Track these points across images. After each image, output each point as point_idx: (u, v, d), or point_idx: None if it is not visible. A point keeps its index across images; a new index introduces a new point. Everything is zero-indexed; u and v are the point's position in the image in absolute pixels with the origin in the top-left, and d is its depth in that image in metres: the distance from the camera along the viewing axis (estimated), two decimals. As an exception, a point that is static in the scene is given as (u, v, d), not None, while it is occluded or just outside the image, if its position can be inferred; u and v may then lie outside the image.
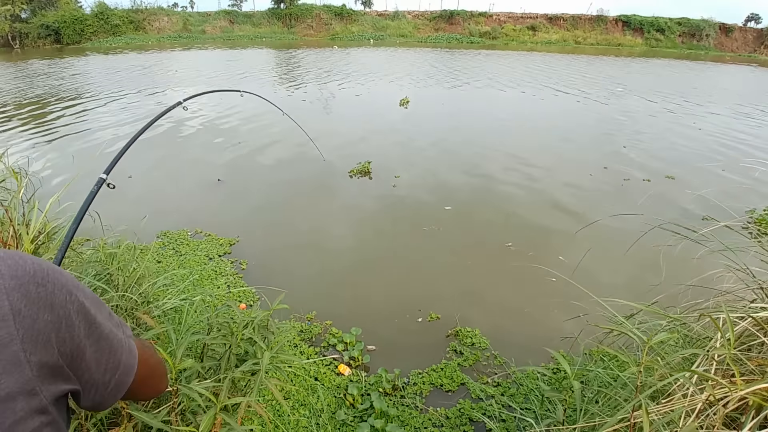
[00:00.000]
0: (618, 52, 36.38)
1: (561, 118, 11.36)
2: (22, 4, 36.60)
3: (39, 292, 0.52)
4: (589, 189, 6.51)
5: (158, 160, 7.55)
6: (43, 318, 0.52)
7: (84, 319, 0.57)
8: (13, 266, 0.52)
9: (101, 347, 0.60)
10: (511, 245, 4.80)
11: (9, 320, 0.49)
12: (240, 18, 46.73)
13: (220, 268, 4.14)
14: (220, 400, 1.44)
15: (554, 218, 5.49)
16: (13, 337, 0.49)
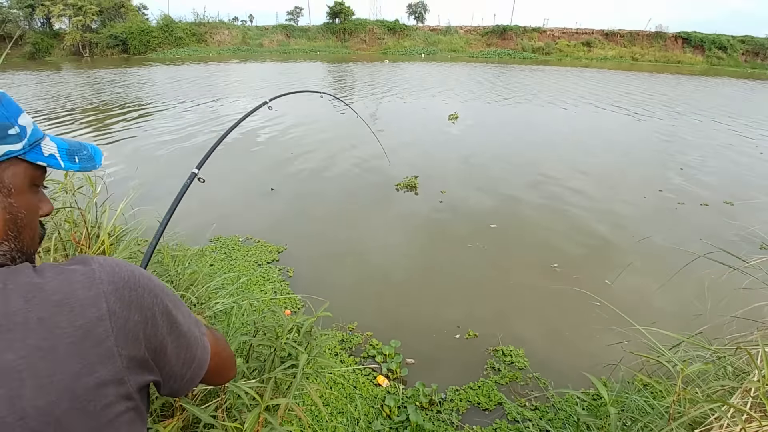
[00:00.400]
0: (678, 70, 34.99)
1: (616, 137, 11.05)
2: (92, 15, 39.23)
3: (131, 296, 0.62)
4: (642, 212, 6.30)
5: (216, 167, 7.91)
6: (133, 318, 0.61)
7: (167, 319, 0.66)
8: (110, 273, 0.61)
9: (180, 344, 0.69)
10: (557, 266, 4.73)
11: (106, 320, 0.58)
12: (296, 32, 48.25)
13: (267, 275, 4.31)
14: (264, 399, 1.53)
15: (603, 241, 5.37)
16: (108, 335, 0.58)
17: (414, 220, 5.91)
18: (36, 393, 0.52)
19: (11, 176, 0.61)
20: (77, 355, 0.55)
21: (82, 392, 0.55)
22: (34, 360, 0.52)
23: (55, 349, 0.53)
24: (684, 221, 5.92)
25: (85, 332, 0.56)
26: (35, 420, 0.52)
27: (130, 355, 0.60)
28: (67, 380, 0.54)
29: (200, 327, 0.75)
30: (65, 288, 0.57)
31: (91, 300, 0.58)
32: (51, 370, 0.53)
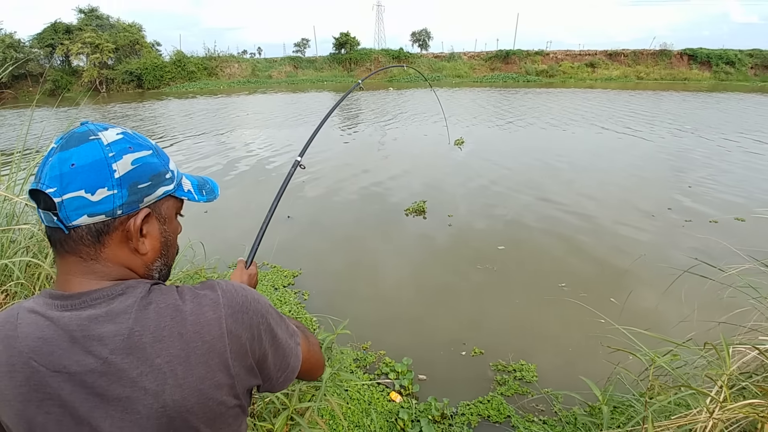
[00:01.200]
0: (684, 87, 35.18)
1: (623, 157, 11.21)
2: (109, 53, 40.62)
3: (243, 318, 0.77)
4: (650, 230, 6.41)
5: (231, 197, 8.23)
6: (244, 336, 0.76)
7: (269, 334, 0.82)
8: (230, 299, 0.77)
9: (278, 354, 0.84)
10: (565, 285, 4.88)
11: (224, 338, 0.74)
12: (303, 63, 49.47)
13: (284, 298, 4.52)
14: (292, 403, 1.73)
15: (610, 260, 5.50)
16: (225, 348, 0.74)
17: (423, 244, 6.11)
18: (174, 390, 0.69)
19: (166, 209, 0.81)
20: (204, 363, 0.71)
21: (205, 391, 0.71)
22: (174, 365, 0.69)
23: (189, 358, 0.70)
24: (691, 238, 6.05)
25: (210, 346, 0.72)
26: (172, 410, 0.69)
27: (241, 364, 0.76)
28: (196, 382, 0.70)
29: (295, 338, 0.91)
30: (197, 310, 0.73)
31: (215, 321, 0.73)
32: (185, 374, 0.70)
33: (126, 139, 0.75)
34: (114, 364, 0.67)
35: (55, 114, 22.31)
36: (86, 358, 0.67)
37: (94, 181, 0.69)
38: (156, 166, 0.78)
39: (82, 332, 0.68)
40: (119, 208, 0.72)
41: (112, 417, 0.68)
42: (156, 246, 0.80)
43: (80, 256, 0.73)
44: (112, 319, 0.69)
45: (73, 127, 0.75)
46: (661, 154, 11.58)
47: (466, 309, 4.48)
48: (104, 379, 0.67)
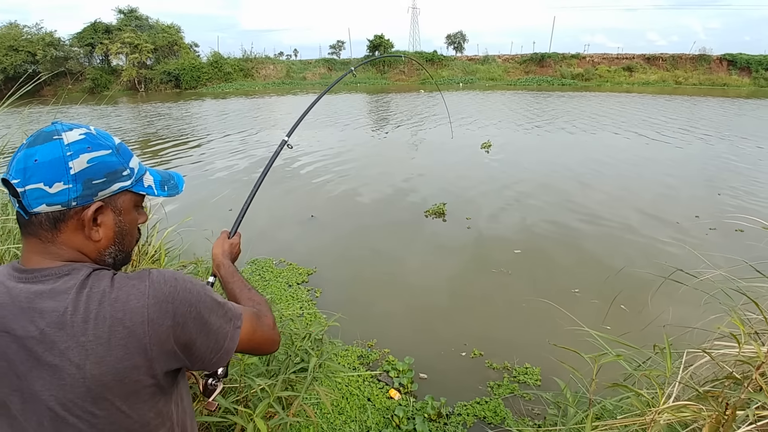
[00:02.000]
0: (723, 93, 33.90)
1: (654, 163, 10.94)
2: (148, 53, 42.14)
3: (168, 308, 0.84)
4: (672, 238, 6.25)
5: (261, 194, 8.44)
6: (166, 324, 0.83)
7: (198, 322, 0.88)
8: (156, 289, 0.84)
9: (209, 339, 0.91)
10: (578, 291, 4.83)
11: (145, 325, 0.81)
12: (337, 65, 50.01)
13: (297, 295, 4.64)
14: (274, 392, 1.81)
15: (625, 266, 5.37)
16: (145, 334, 0.81)
17: (441, 246, 6.14)
18: (93, 366, 0.78)
19: (122, 202, 0.90)
20: (123, 346, 0.80)
21: (121, 370, 0.80)
22: (96, 345, 0.78)
23: (110, 340, 0.79)
24: (713, 246, 5.87)
25: (130, 332, 0.80)
26: (91, 382, 0.78)
27: (159, 349, 0.83)
28: (114, 362, 0.79)
29: (234, 322, 0.96)
30: (123, 298, 0.81)
31: (138, 309, 0.81)
32: (105, 353, 0.78)
33: (87, 140, 0.84)
34: (48, 335, 0.77)
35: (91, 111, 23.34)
36: (29, 326, 0.78)
37: (52, 175, 0.79)
38: (112, 165, 0.87)
39: (28, 303, 0.79)
40: (74, 200, 0.82)
41: (43, 379, 0.78)
42: (109, 234, 0.89)
43: (39, 238, 0.84)
44: (53, 297, 0.79)
45: (45, 125, 0.86)
46: (693, 161, 11.25)
47: (477, 311, 4.50)
48: (40, 346, 0.77)
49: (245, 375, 1.89)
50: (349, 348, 3.75)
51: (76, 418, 0.80)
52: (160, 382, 0.87)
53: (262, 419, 1.72)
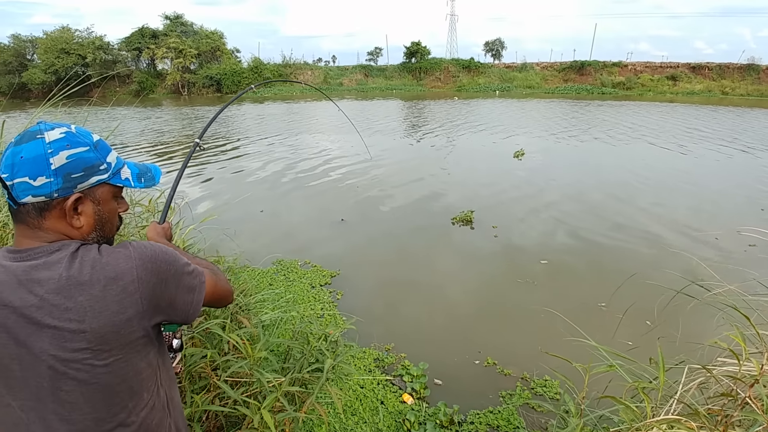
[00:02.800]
0: (773, 104, 32.37)
1: (694, 175, 10.57)
2: (191, 58, 43.60)
3: (152, 267, 0.98)
4: (707, 254, 6.01)
5: (288, 197, 8.65)
6: (152, 281, 0.97)
7: (176, 280, 1.03)
8: (140, 253, 0.98)
9: (185, 293, 1.05)
10: (604, 305, 4.73)
11: (135, 282, 0.94)
12: (374, 71, 50.39)
13: (319, 296, 4.72)
14: (282, 386, 1.87)
15: (656, 281, 5.21)
16: (136, 290, 0.94)
17: (465, 253, 6.11)
18: (92, 320, 0.90)
19: (100, 193, 1.01)
20: (117, 302, 0.92)
21: (117, 323, 0.93)
22: (93, 302, 0.90)
23: (105, 297, 0.91)
24: (751, 263, 5.63)
25: (123, 288, 0.93)
26: (90, 335, 0.90)
27: (149, 303, 0.97)
28: (110, 316, 0.91)
29: (200, 278, 1.10)
30: (113, 262, 0.94)
31: (128, 270, 0.94)
32: (102, 309, 0.91)
33: (66, 138, 0.95)
34: (48, 301, 0.88)
35: (137, 113, 24.28)
36: (27, 296, 0.88)
37: (36, 171, 0.91)
38: (90, 160, 0.98)
39: (25, 276, 0.90)
40: (55, 192, 0.93)
41: (43, 341, 0.88)
42: (90, 222, 1.01)
43: (27, 225, 0.95)
44: (48, 267, 0.91)
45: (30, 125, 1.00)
46: (737, 174, 10.79)
47: (498, 321, 4.46)
48: (40, 312, 0.88)
49: (255, 369, 1.96)
50: (367, 350, 3.79)
51: (75, 371, 0.91)
52: (150, 334, 1.01)
53: (269, 412, 1.78)
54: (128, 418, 1.00)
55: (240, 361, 1.96)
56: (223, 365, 2.03)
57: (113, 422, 0.98)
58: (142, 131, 18.19)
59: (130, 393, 0.99)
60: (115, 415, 0.98)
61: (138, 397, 1.01)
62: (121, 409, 0.98)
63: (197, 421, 1.86)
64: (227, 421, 2.10)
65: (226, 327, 2.08)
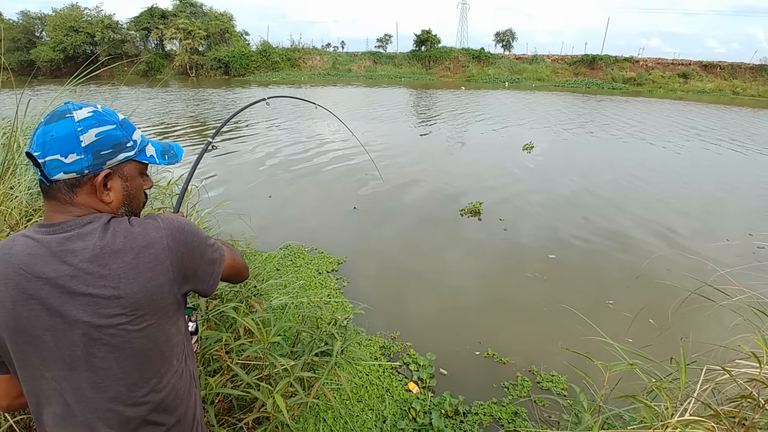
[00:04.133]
0: (784, 106, 31.95)
1: (707, 176, 10.46)
2: (200, 40, 43.46)
3: (179, 237, 1.03)
4: (717, 256, 5.96)
5: (293, 184, 8.64)
6: (180, 250, 1.03)
7: (200, 251, 1.08)
8: (168, 223, 1.03)
9: (207, 265, 1.11)
10: (612, 303, 4.71)
11: (166, 250, 1.00)
12: (383, 59, 50.07)
13: (325, 282, 4.73)
14: (294, 371, 1.88)
15: (664, 281, 5.20)
16: (166, 257, 1.00)
17: (473, 245, 6.10)
18: (126, 286, 0.94)
19: (128, 170, 1.05)
20: (150, 269, 0.97)
21: (150, 288, 0.97)
22: (127, 269, 0.94)
23: (138, 264, 0.96)
24: (759, 266, 5.61)
25: (155, 257, 0.98)
26: (126, 300, 0.94)
27: (178, 271, 1.02)
28: (144, 281, 0.96)
29: (220, 251, 1.16)
30: (144, 232, 0.99)
31: (158, 239, 1.00)
32: (136, 275, 0.95)
33: (94, 117, 0.98)
34: (83, 269, 0.92)
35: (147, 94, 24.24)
36: (62, 266, 0.92)
37: (67, 148, 0.94)
38: (117, 138, 1.01)
39: (59, 247, 0.93)
40: (86, 168, 0.96)
41: (77, 309, 0.92)
42: (119, 197, 1.04)
43: (59, 201, 0.98)
44: (82, 238, 0.94)
45: (58, 105, 1.01)
46: (750, 175, 10.70)
47: (504, 314, 4.46)
48: (74, 280, 0.91)
49: (269, 354, 1.96)
50: (372, 338, 3.80)
51: (110, 337, 0.94)
52: (179, 301, 1.06)
53: (282, 396, 1.79)
54: (159, 383, 1.03)
55: (255, 344, 1.96)
56: (236, 348, 2.04)
57: (146, 387, 1.01)
58: (150, 111, 18.15)
59: (161, 358, 1.03)
60: (148, 380, 1.01)
61: (168, 363, 1.05)
62: (153, 374, 1.01)
63: (210, 404, 1.88)
64: (237, 403, 2.11)
65: (240, 310, 2.09)
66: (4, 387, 1.03)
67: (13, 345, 0.93)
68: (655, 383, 1.35)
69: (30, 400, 0.98)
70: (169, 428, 1.06)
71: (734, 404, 1.35)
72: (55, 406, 0.96)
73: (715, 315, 2.09)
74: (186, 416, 1.11)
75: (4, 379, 1.02)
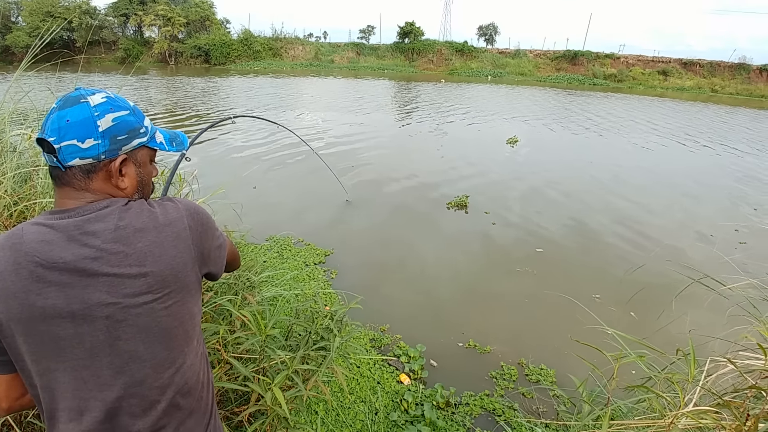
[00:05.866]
0: (761, 105, 32.69)
1: (688, 174, 10.60)
2: (180, 27, 42.55)
3: (197, 218, 1.07)
4: (701, 250, 6.10)
5: (276, 174, 8.54)
6: (199, 231, 1.06)
7: (212, 233, 1.12)
8: (186, 205, 1.07)
9: (217, 249, 1.15)
10: (599, 297, 4.77)
11: (187, 230, 1.03)
12: (366, 50, 49.76)
13: (313, 274, 4.69)
14: (293, 364, 1.85)
15: (650, 277, 5.28)
16: (188, 236, 1.03)
17: (460, 238, 6.11)
18: (152, 263, 0.95)
19: (141, 156, 1.05)
20: (173, 247, 0.99)
21: (175, 266, 0.99)
22: (152, 247, 0.95)
23: (163, 243, 0.98)
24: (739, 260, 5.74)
25: (177, 235, 1.01)
26: (151, 278, 0.94)
27: (198, 250, 1.06)
28: (169, 259, 0.98)
29: (224, 236, 1.21)
30: (164, 212, 1.01)
31: (179, 219, 1.03)
32: (161, 253, 0.97)
33: (109, 102, 0.97)
34: (106, 250, 0.91)
35: (125, 81, 23.68)
36: (81, 249, 0.90)
37: (84, 133, 0.93)
38: (132, 123, 1.01)
39: (78, 231, 0.91)
40: (102, 153, 0.96)
41: (100, 291, 0.91)
42: (133, 183, 1.04)
43: (74, 187, 0.97)
44: (101, 219, 0.94)
45: (69, 91, 0.98)
46: (730, 172, 10.95)
47: (492, 306, 4.49)
48: (97, 262, 0.90)
49: (267, 346, 1.93)
50: (362, 331, 3.79)
51: (135, 317, 0.94)
52: (199, 281, 1.08)
53: (280, 389, 1.76)
54: (185, 363, 1.04)
55: (252, 337, 1.93)
56: (232, 341, 2.01)
57: (172, 368, 1.01)
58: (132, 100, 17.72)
59: (185, 336, 1.04)
60: (174, 360, 1.01)
61: (191, 342, 1.06)
62: (179, 353, 1.02)
63: (205, 397, 1.84)
64: (233, 396, 2.08)
65: (236, 303, 2.05)
66: (5, 388, 0.98)
67: (27, 338, 0.90)
68: (666, 374, 1.36)
69: (44, 396, 0.94)
70: (190, 411, 1.06)
71: (736, 395, 1.37)
72: (71, 400, 0.94)
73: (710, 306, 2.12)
74: (203, 398, 1.11)
75: (6, 379, 0.98)
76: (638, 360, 1.42)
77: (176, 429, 1.03)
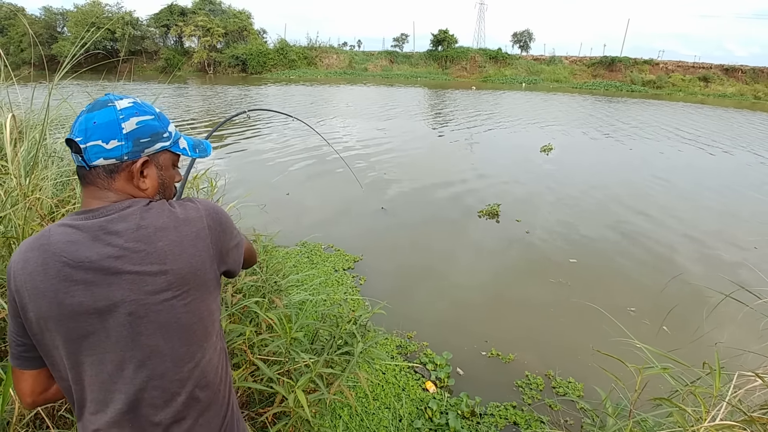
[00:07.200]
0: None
1: (730, 182, 10.22)
2: (219, 37, 43.88)
3: (216, 218, 1.10)
4: (743, 262, 5.84)
5: (306, 182, 8.67)
6: (218, 230, 1.09)
7: (230, 233, 1.15)
8: (206, 206, 1.10)
9: (233, 248, 1.17)
10: (634, 310, 4.62)
11: (206, 229, 1.06)
12: (399, 58, 50.05)
13: (342, 280, 4.73)
14: (316, 368, 1.87)
15: (687, 289, 5.09)
16: (207, 236, 1.06)
17: (490, 246, 6.05)
18: (172, 262, 0.98)
19: (163, 160, 1.09)
20: (193, 246, 1.02)
21: (195, 264, 1.02)
22: (172, 246, 0.99)
23: (182, 242, 1.01)
24: None
25: (197, 234, 1.04)
26: (171, 275, 0.98)
27: (216, 249, 1.08)
28: (188, 258, 1.01)
29: (241, 236, 1.23)
30: (184, 212, 1.05)
31: (198, 218, 1.06)
32: (180, 252, 1.00)
33: (134, 107, 1.02)
34: (128, 249, 0.95)
35: (166, 89, 24.52)
36: (105, 249, 0.94)
37: (108, 134, 0.97)
38: (155, 127, 1.06)
39: (102, 231, 0.96)
40: (125, 155, 1.00)
41: (124, 289, 0.95)
42: (154, 185, 1.08)
43: (97, 186, 1.01)
44: (123, 219, 0.97)
45: (99, 96, 1.05)
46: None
47: (523, 317, 4.41)
48: (120, 261, 0.94)
49: (291, 349, 1.96)
50: (389, 337, 3.80)
51: (156, 314, 0.98)
52: (218, 278, 1.11)
53: (303, 392, 1.79)
54: (203, 358, 1.06)
55: (277, 339, 1.96)
56: (258, 343, 2.05)
57: (191, 363, 1.04)
58: (169, 107, 18.36)
59: (204, 332, 1.06)
60: (194, 354, 1.04)
61: (209, 338, 1.08)
62: (198, 348, 1.05)
63: (231, 397, 1.88)
64: (258, 397, 2.11)
65: (263, 305, 2.09)
66: (31, 383, 1.04)
67: (57, 334, 0.95)
68: (689, 387, 1.32)
69: (75, 389, 0.99)
70: (208, 404, 1.09)
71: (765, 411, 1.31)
72: (98, 393, 0.98)
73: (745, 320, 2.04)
74: (221, 391, 1.14)
75: (32, 374, 1.03)
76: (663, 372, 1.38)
77: (195, 420, 1.06)
